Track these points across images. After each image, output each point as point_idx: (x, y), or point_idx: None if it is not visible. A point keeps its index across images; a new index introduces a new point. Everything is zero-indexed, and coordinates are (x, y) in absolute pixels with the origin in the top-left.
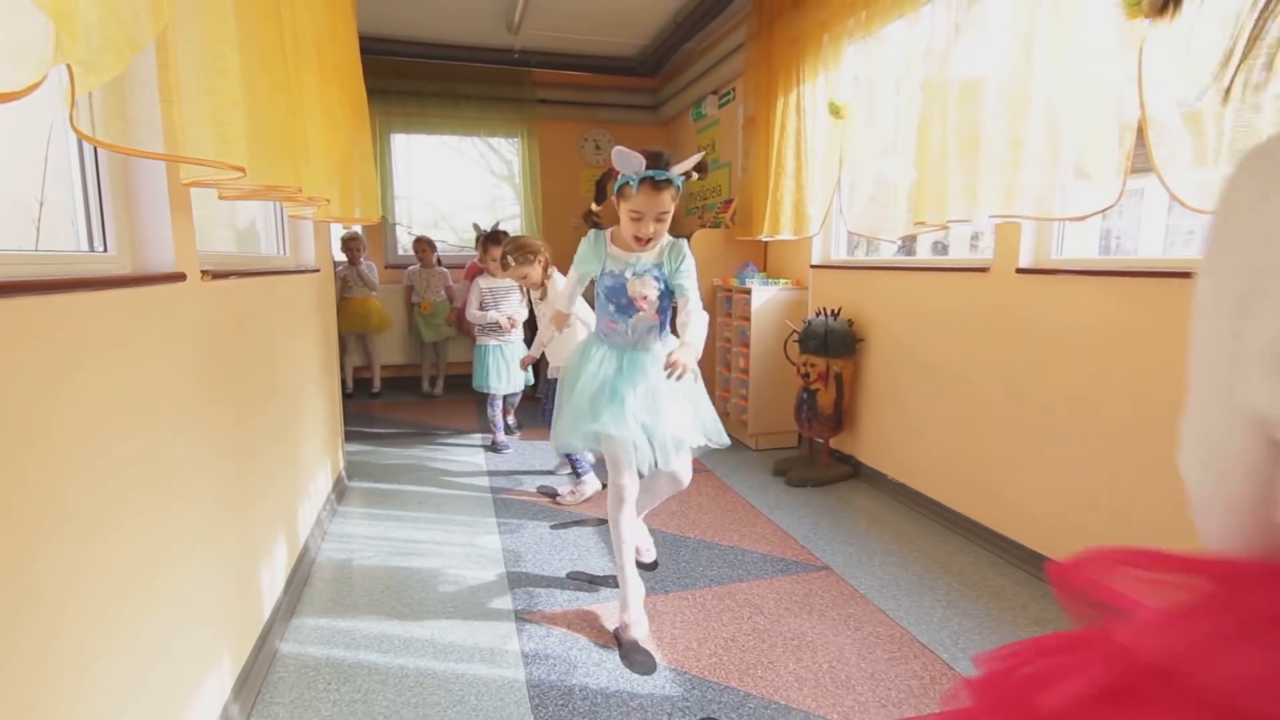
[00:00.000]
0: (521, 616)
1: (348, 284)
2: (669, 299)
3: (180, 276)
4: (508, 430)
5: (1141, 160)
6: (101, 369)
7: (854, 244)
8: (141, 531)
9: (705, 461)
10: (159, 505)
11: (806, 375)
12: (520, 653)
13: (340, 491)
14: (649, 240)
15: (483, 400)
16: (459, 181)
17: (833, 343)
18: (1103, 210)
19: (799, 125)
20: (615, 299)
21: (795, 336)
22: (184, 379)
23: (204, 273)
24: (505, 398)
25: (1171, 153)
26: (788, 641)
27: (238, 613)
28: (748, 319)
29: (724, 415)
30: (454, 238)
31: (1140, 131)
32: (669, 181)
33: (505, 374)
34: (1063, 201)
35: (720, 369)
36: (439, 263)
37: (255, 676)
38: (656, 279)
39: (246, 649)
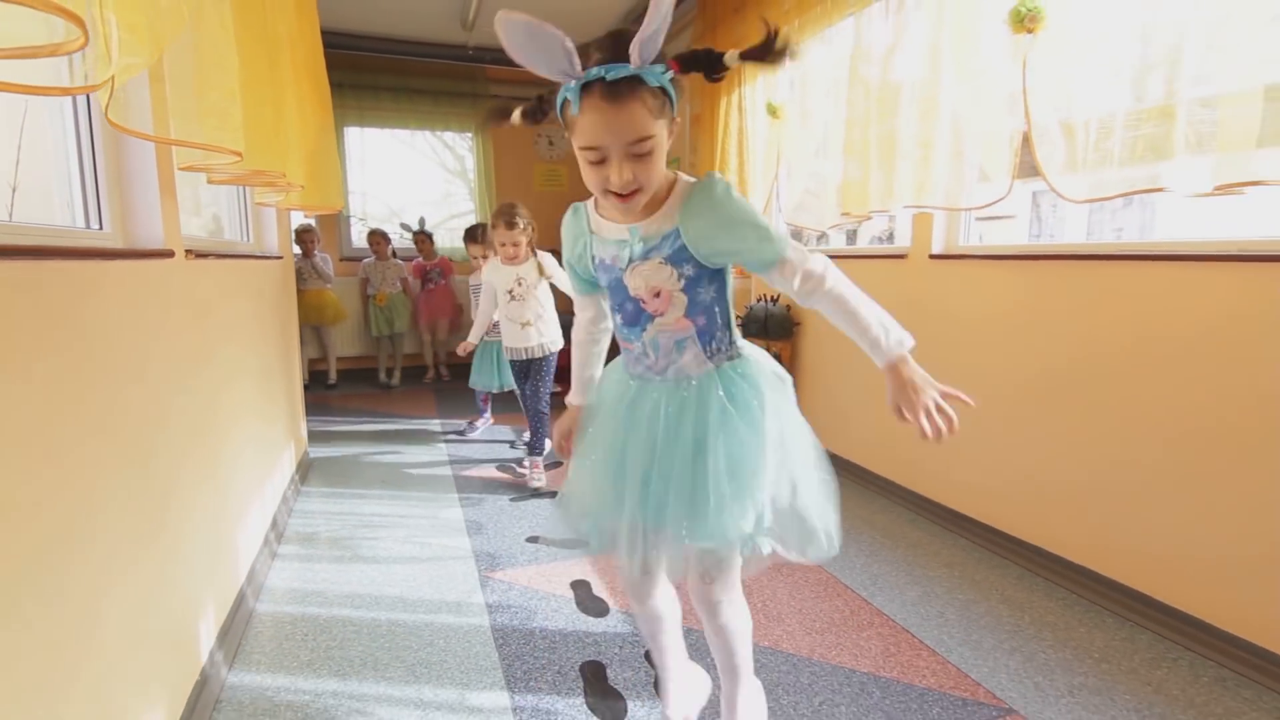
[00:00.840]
0: (485, 575)
1: (302, 276)
2: (712, 285)
3: (169, 253)
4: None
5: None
6: (105, 333)
7: (803, 237)
8: (143, 493)
9: None
10: (156, 468)
11: None
12: (484, 604)
13: (304, 471)
14: (632, 194)
15: (445, 390)
16: (412, 176)
17: (772, 326)
18: (995, 202)
19: (741, 124)
20: (618, 304)
21: (738, 321)
22: (175, 346)
23: (188, 251)
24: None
25: (1051, 153)
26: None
27: (216, 572)
28: None
29: None
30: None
31: (1026, 138)
32: (637, 81)
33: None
34: (967, 195)
35: None
36: (394, 255)
37: (235, 630)
38: (669, 259)
39: (226, 606)
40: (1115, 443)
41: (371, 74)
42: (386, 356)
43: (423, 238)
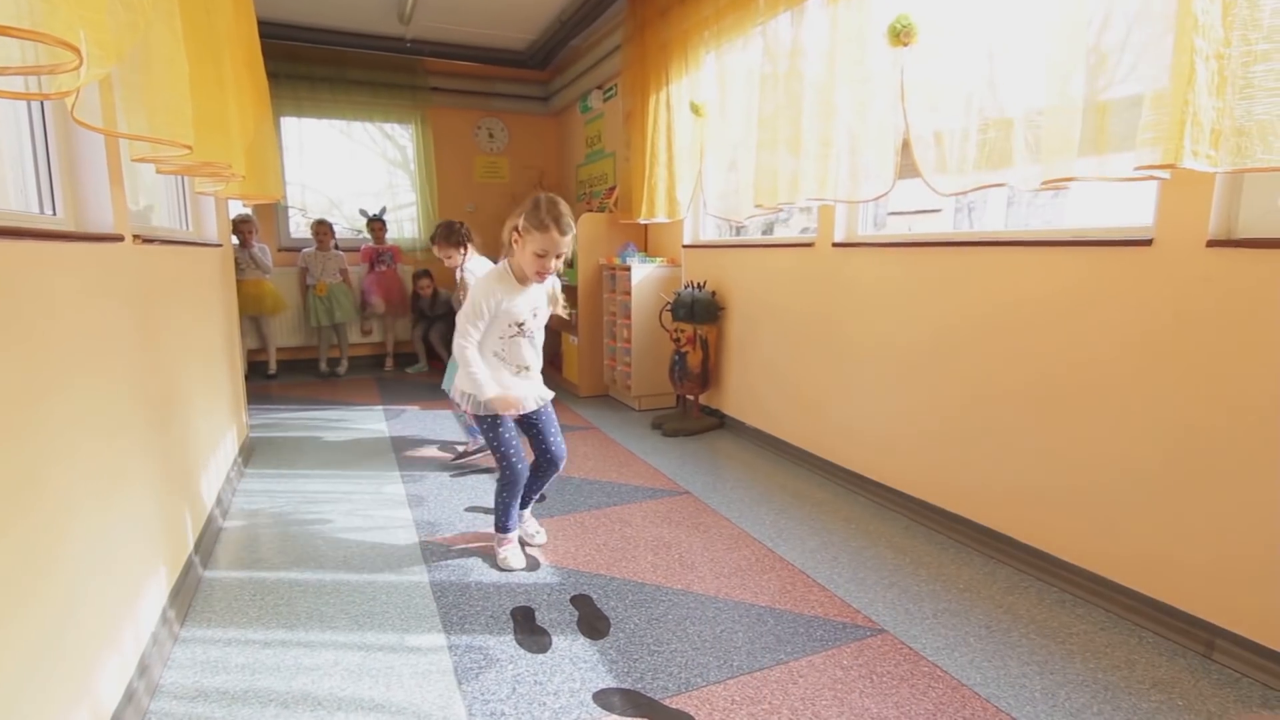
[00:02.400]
0: (425, 540)
1: (240, 266)
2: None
3: (119, 238)
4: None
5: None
6: (58, 310)
7: (731, 226)
8: (93, 457)
9: (593, 420)
10: (102, 438)
11: (678, 340)
12: (424, 564)
13: (247, 454)
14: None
15: (388, 378)
16: (352, 168)
17: (699, 311)
18: (880, 196)
19: (669, 121)
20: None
21: (668, 306)
22: (125, 324)
23: (135, 236)
24: None
25: (925, 155)
26: (649, 543)
27: (168, 538)
28: (629, 294)
29: (611, 382)
30: (346, 224)
31: (907, 142)
32: None
33: None
34: (862, 189)
35: (606, 340)
36: (336, 247)
37: (185, 591)
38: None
39: (177, 569)
40: (979, 401)
41: (308, 64)
42: (328, 346)
43: (379, 225)
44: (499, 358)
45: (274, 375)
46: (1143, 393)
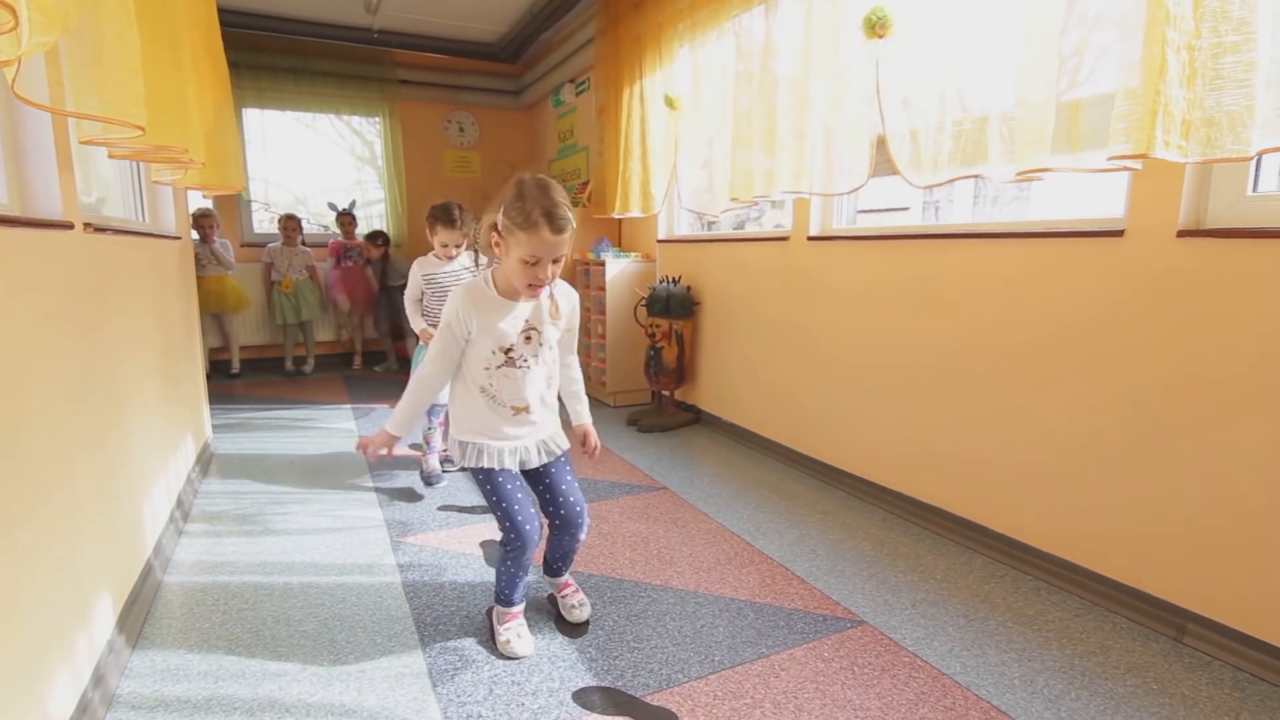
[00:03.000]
0: (396, 540)
1: (200, 262)
2: None
3: (68, 225)
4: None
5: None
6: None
7: (705, 221)
8: (37, 455)
9: (568, 416)
10: (48, 435)
11: (653, 335)
12: (396, 564)
13: (208, 454)
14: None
15: (356, 376)
16: (318, 162)
17: (674, 305)
18: (855, 189)
19: (643, 114)
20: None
21: (643, 301)
22: (74, 315)
23: (86, 225)
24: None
25: (900, 150)
26: (627, 539)
27: (121, 542)
28: (603, 289)
29: (587, 378)
30: (312, 220)
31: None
32: None
33: None
34: (837, 182)
35: (581, 335)
36: (303, 242)
37: (143, 599)
38: None
39: (133, 575)
40: (953, 392)
41: (270, 54)
42: (294, 345)
43: (349, 219)
44: (487, 395)
45: (237, 374)
46: (1114, 381)
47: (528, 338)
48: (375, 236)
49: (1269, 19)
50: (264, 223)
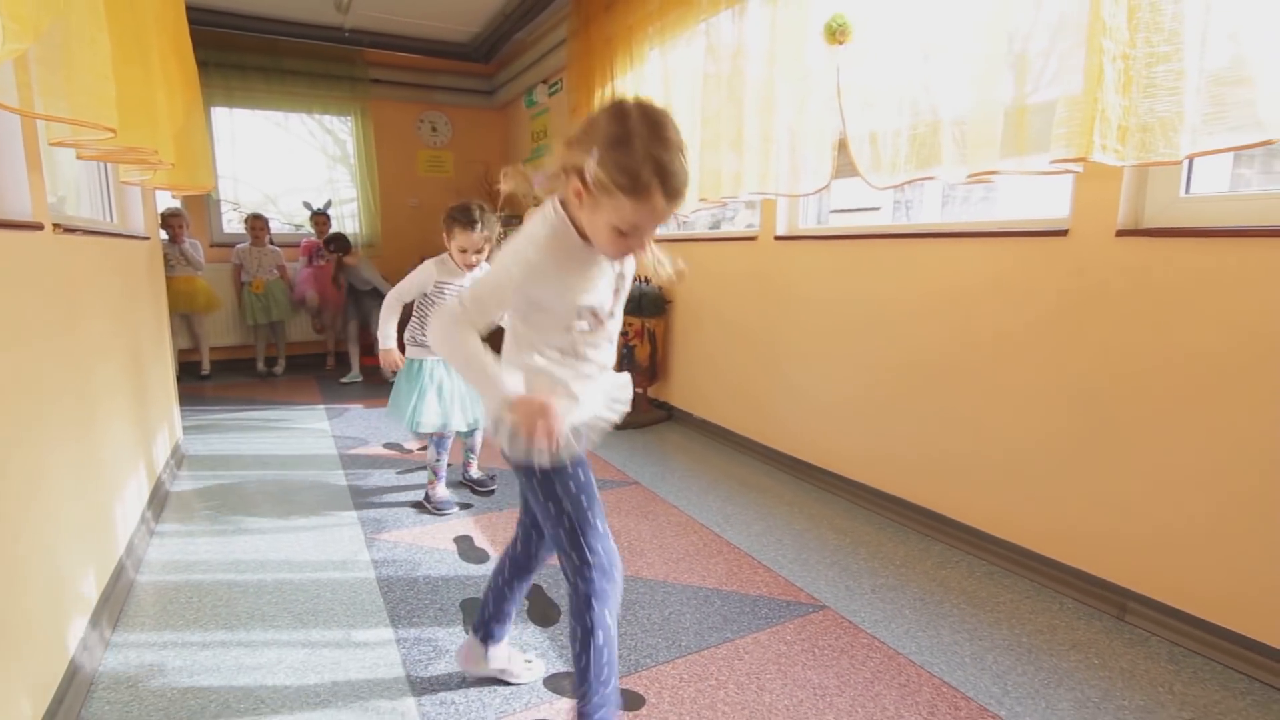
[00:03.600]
0: (370, 537)
1: (169, 263)
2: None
3: (38, 226)
4: (478, 486)
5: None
6: None
7: (678, 220)
8: (8, 459)
9: None
10: (22, 435)
11: (625, 334)
12: (370, 560)
13: (179, 458)
14: None
15: (329, 377)
16: (288, 162)
17: (646, 305)
18: (818, 190)
19: None
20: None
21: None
22: (45, 316)
23: (56, 225)
24: (463, 436)
25: (860, 153)
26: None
27: (93, 542)
28: None
29: None
30: (282, 220)
31: (844, 142)
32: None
33: (451, 402)
34: (801, 183)
35: None
36: (272, 242)
37: (116, 598)
38: None
39: (106, 574)
40: (915, 387)
41: (239, 53)
42: (265, 345)
43: (323, 219)
44: (569, 357)
45: (207, 376)
46: (1061, 376)
47: (616, 290)
48: (332, 242)
49: (1197, 30)
50: (233, 223)
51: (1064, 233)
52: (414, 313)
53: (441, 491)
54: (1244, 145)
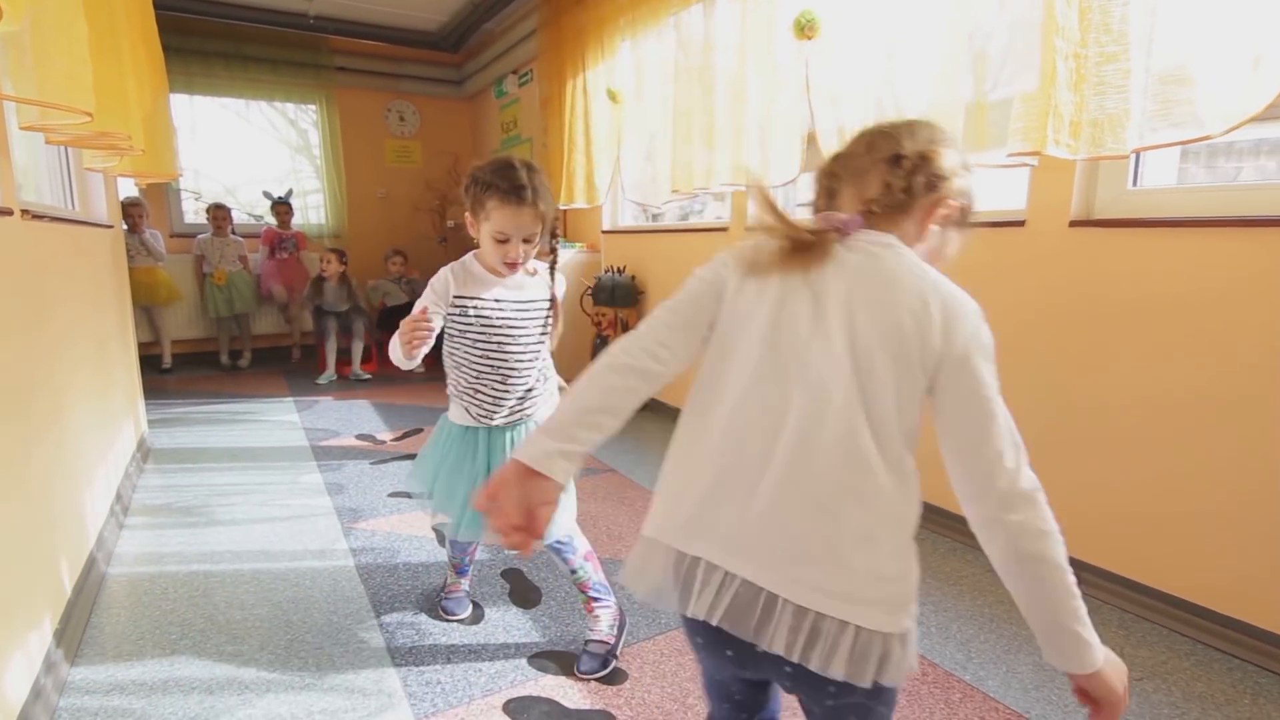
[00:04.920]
0: (347, 526)
1: (130, 253)
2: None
3: (8, 212)
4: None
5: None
6: None
7: (649, 213)
8: None
9: None
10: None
11: (599, 324)
12: (349, 549)
13: (145, 450)
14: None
15: (295, 369)
16: (250, 151)
17: (619, 295)
18: (787, 182)
19: (586, 107)
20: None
21: (589, 291)
22: (13, 303)
23: (24, 211)
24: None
25: (828, 144)
26: (579, 520)
27: (64, 532)
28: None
29: None
30: (243, 210)
31: (812, 135)
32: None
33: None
34: (771, 175)
35: None
36: (234, 232)
37: (88, 590)
38: None
39: (78, 566)
40: None
41: (200, 38)
42: (229, 338)
43: (285, 208)
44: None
45: (169, 369)
46: (1017, 360)
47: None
48: (332, 251)
49: (1143, 32)
50: (193, 213)
51: (1021, 223)
52: (446, 355)
53: (460, 598)
54: (1185, 140)
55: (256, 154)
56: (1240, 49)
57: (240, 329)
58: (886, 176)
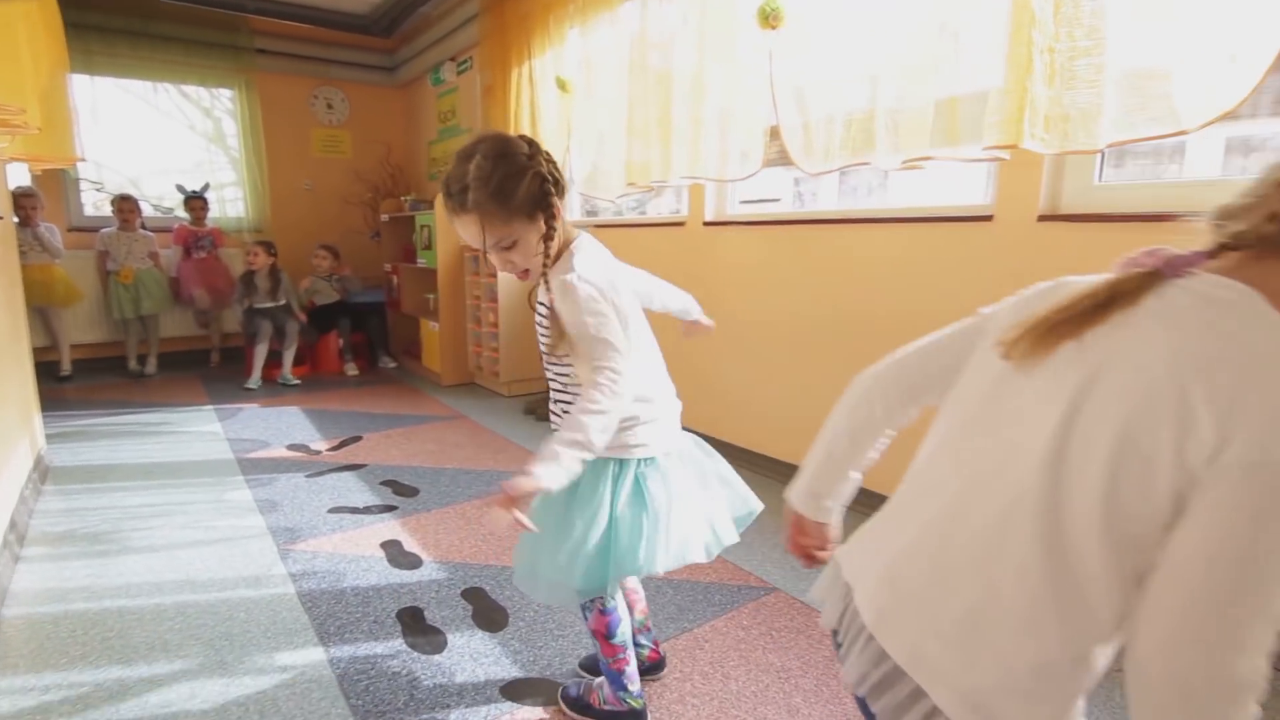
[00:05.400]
0: (284, 548)
1: (21, 250)
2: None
3: None
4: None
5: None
6: None
7: (584, 209)
8: None
9: (461, 408)
10: None
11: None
12: (287, 574)
13: (43, 471)
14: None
15: (214, 374)
16: (158, 141)
17: None
18: (750, 176)
19: (533, 96)
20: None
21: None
22: None
23: None
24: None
25: (793, 141)
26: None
27: None
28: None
29: (477, 368)
30: (151, 203)
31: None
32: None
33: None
34: (731, 169)
35: (470, 325)
36: (143, 226)
37: None
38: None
39: None
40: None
41: (103, 13)
42: (137, 342)
43: (200, 203)
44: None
45: (68, 377)
46: None
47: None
48: (259, 244)
49: (1116, 26)
50: (94, 206)
51: (989, 218)
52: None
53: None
54: (1159, 136)
55: (164, 142)
56: (1216, 45)
57: (147, 332)
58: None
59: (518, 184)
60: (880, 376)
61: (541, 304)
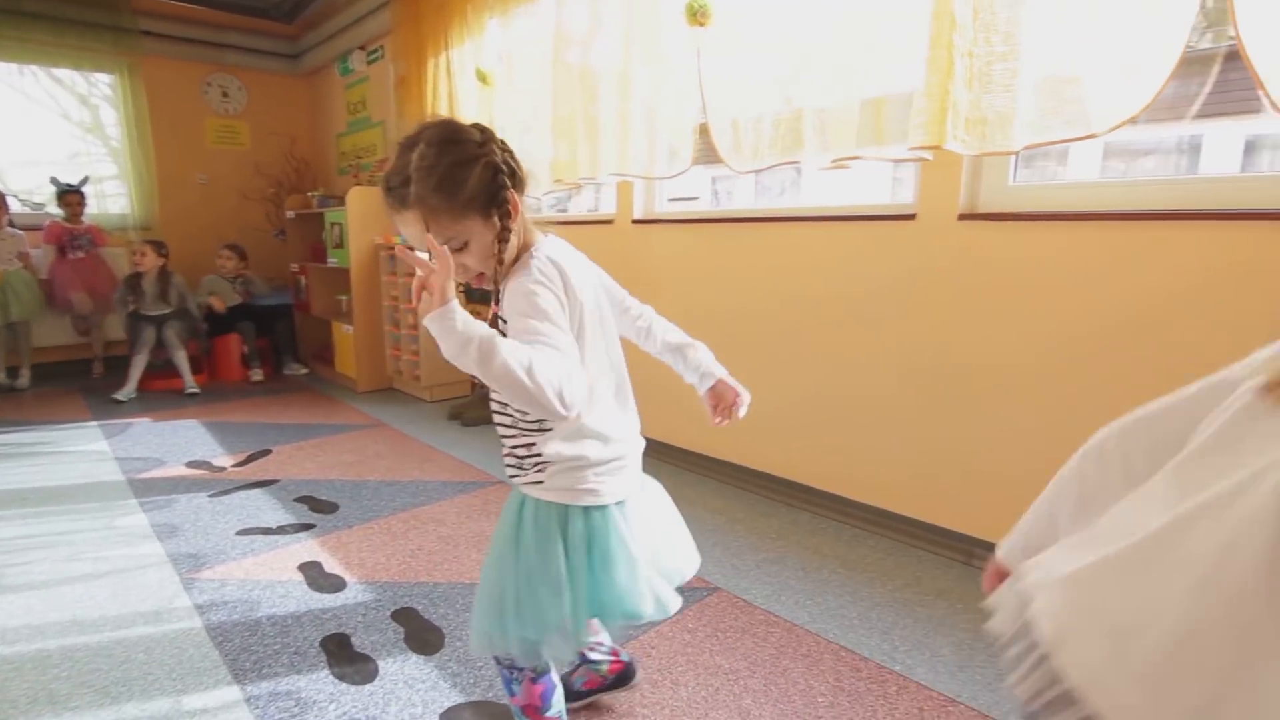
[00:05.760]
0: (188, 577)
1: None
2: None
3: None
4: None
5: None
6: None
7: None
8: None
9: (380, 416)
10: None
11: None
12: (192, 606)
13: None
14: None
15: (96, 387)
16: (24, 130)
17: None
18: (680, 174)
19: (450, 88)
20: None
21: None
22: None
23: None
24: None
25: (722, 139)
26: (469, 540)
27: None
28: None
29: (396, 373)
30: (17, 198)
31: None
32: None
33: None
34: (659, 166)
35: (388, 327)
36: (12, 224)
37: None
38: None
39: None
40: (771, 361)
41: None
42: (6, 352)
43: (76, 198)
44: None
45: None
46: (911, 345)
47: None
48: (149, 244)
49: (1030, 33)
50: None
51: (912, 216)
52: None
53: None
54: (1071, 139)
55: (33, 132)
56: (1123, 54)
57: (17, 340)
58: None
59: (466, 174)
60: (1126, 432)
61: (500, 319)
